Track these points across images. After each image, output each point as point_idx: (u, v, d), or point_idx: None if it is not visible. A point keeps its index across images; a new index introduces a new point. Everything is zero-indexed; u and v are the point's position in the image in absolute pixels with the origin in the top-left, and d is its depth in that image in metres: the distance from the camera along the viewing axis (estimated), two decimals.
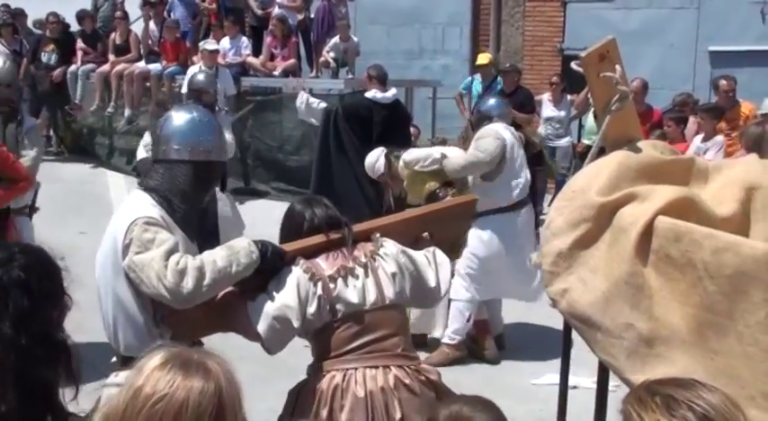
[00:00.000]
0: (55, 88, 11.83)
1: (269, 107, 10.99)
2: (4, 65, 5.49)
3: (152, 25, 11.99)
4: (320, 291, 2.89)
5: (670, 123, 8.03)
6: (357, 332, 2.92)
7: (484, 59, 10.61)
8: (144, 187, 3.08)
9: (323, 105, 8.41)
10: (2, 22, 12.35)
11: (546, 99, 10.27)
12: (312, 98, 8.44)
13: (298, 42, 11.63)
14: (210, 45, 10.28)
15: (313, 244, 3.02)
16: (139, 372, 1.59)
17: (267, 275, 2.94)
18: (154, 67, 11.55)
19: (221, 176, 3.45)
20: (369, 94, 7.97)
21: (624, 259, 2.43)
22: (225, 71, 10.36)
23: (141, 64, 11.79)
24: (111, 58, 11.93)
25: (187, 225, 3.07)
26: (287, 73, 11.09)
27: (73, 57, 12.11)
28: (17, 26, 12.54)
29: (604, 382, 2.92)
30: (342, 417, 2.83)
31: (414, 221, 3.38)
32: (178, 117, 3.14)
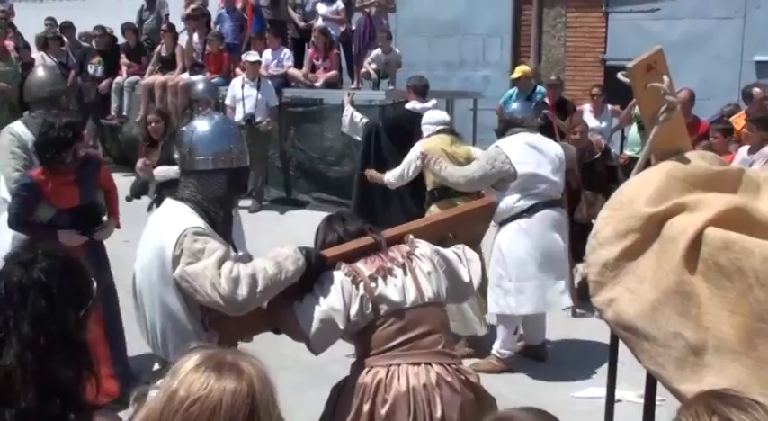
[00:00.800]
0: (101, 100, 12.04)
1: (310, 118, 11.07)
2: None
3: (195, 38, 12.16)
4: (362, 292, 2.98)
5: (717, 134, 7.89)
6: (399, 329, 3.00)
7: (518, 73, 10.58)
8: (178, 198, 3.14)
9: (365, 121, 8.42)
10: (51, 35, 12.63)
11: (587, 110, 10.19)
12: (356, 113, 8.44)
13: (339, 54, 11.72)
14: (252, 57, 10.40)
15: (351, 249, 3.12)
16: (174, 375, 1.61)
17: (310, 279, 3.02)
18: (197, 79, 11.69)
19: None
20: (409, 106, 7.99)
21: (673, 268, 2.41)
22: (267, 82, 10.47)
23: (185, 75, 11.95)
24: (149, 70, 12.13)
25: (225, 232, 3.15)
26: (328, 84, 11.17)
27: (119, 69, 12.32)
28: (64, 39, 12.80)
29: (652, 395, 2.89)
30: (383, 412, 2.89)
31: (440, 224, 3.56)
32: (203, 127, 3.19)
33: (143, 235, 3.20)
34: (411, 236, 3.24)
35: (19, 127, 5.16)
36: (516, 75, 10.50)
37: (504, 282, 5.69)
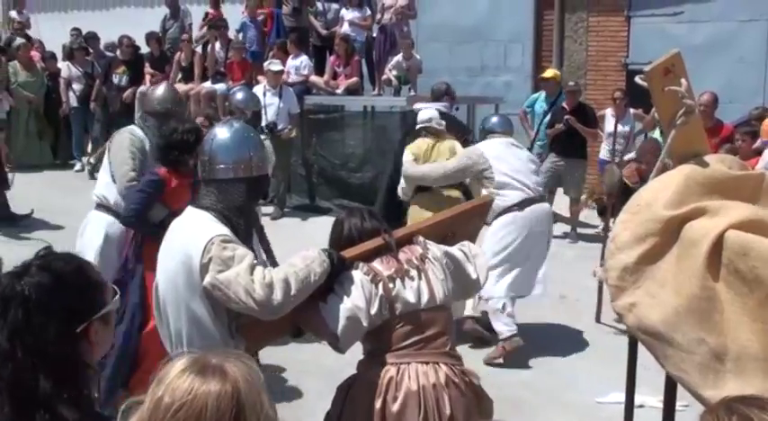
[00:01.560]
0: (125, 108, 12.15)
1: (332, 125, 11.11)
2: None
3: (217, 46, 12.26)
4: (381, 292, 3.05)
5: (745, 137, 7.80)
6: (412, 330, 3.08)
7: (549, 73, 10.55)
8: (198, 206, 3.15)
9: None
10: (77, 46, 12.78)
11: (609, 114, 10.13)
12: None
13: (360, 61, 11.75)
14: (275, 65, 10.43)
15: (367, 249, 3.16)
16: (160, 383, 1.60)
17: (331, 280, 3.05)
18: (220, 87, 11.80)
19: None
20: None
21: (695, 273, 2.39)
22: (288, 90, 10.52)
23: (207, 84, 12.06)
24: (171, 78, 12.24)
25: (246, 240, 3.17)
26: (350, 91, 11.21)
27: (143, 78, 12.44)
28: (89, 49, 12.95)
29: (672, 401, 2.87)
30: (394, 409, 2.95)
31: (444, 223, 3.60)
32: (224, 135, 3.21)
33: (164, 244, 3.21)
34: (421, 237, 3.30)
35: (137, 130, 5.27)
36: (548, 74, 10.47)
37: (492, 268, 5.89)
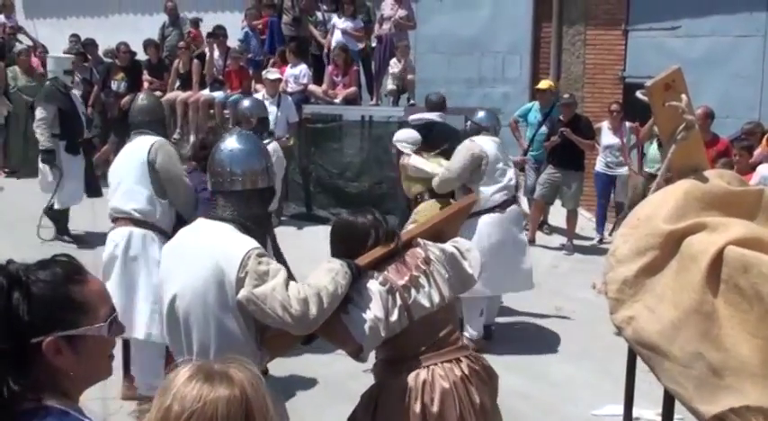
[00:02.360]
0: (123, 115, 12.14)
1: (330, 134, 11.13)
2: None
3: (216, 54, 12.30)
4: (399, 301, 3.12)
5: (742, 152, 7.84)
6: (430, 332, 3.20)
7: (545, 85, 10.60)
8: (217, 218, 3.13)
9: None
10: (75, 52, 12.79)
11: (605, 127, 10.17)
12: None
13: (358, 70, 11.79)
14: (272, 74, 10.44)
15: (378, 256, 3.20)
16: (166, 392, 1.60)
17: (349, 289, 3.07)
18: (218, 95, 11.83)
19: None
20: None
21: (694, 288, 2.41)
22: (287, 99, 10.54)
23: (206, 92, 12.08)
24: (169, 85, 12.30)
25: (264, 249, 3.15)
26: (348, 101, 11.24)
27: (141, 84, 12.45)
28: (87, 55, 12.96)
29: (669, 414, 2.88)
30: (434, 410, 3.06)
31: (440, 224, 3.68)
32: (233, 144, 3.22)
33: (178, 255, 3.14)
34: (421, 240, 3.36)
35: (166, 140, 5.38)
36: (543, 86, 10.52)
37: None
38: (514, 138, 10.61)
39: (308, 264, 3.43)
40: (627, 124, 10.04)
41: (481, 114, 7.06)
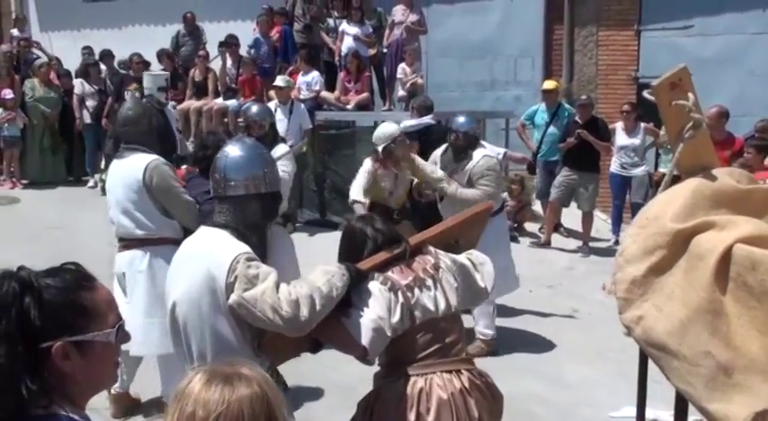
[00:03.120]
0: None
1: (343, 140, 11.16)
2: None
3: (229, 63, 12.36)
4: (401, 300, 3.08)
5: (750, 150, 7.79)
6: (431, 339, 3.12)
7: (550, 85, 10.58)
8: (213, 225, 3.16)
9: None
10: (92, 62, 12.91)
11: (619, 128, 10.13)
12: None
13: (370, 76, 11.81)
14: (281, 81, 10.49)
15: (381, 260, 3.18)
16: (185, 399, 1.60)
17: (348, 293, 3.06)
18: (231, 103, 11.89)
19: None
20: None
21: (702, 286, 2.40)
22: (299, 106, 10.57)
23: (219, 100, 12.15)
24: (187, 94, 12.38)
25: (262, 255, 3.15)
26: (360, 107, 11.26)
27: None
28: (101, 67, 13.06)
29: (683, 416, 2.85)
30: (429, 419, 3.00)
31: (450, 231, 3.61)
32: (235, 151, 3.24)
33: (178, 262, 3.18)
34: (431, 247, 3.33)
35: (159, 157, 5.07)
36: (549, 86, 10.49)
37: None
38: (522, 141, 10.58)
39: None
40: (642, 125, 9.98)
41: (462, 120, 6.81)
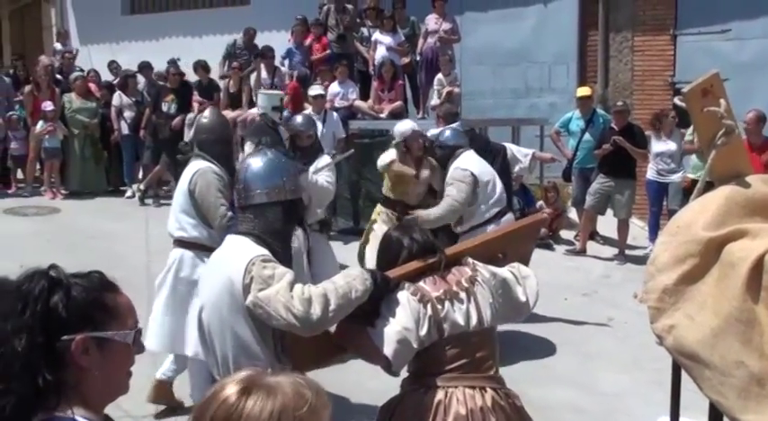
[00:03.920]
0: (174, 136, 12.40)
1: (377, 149, 11.16)
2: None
3: (264, 73, 12.47)
4: (430, 312, 3.04)
5: None
6: (459, 353, 3.07)
7: (585, 91, 10.52)
8: (237, 233, 3.24)
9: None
10: (131, 74, 13.13)
11: (655, 134, 10.02)
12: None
13: (404, 85, 11.84)
14: (315, 91, 10.53)
15: (413, 269, 3.17)
16: (221, 408, 1.57)
17: (376, 300, 3.07)
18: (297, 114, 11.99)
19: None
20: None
21: (734, 295, 2.36)
22: (333, 115, 10.61)
23: (254, 110, 12.24)
24: (222, 105, 12.53)
25: (286, 262, 3.21)
26: (393, 115, 11.28)
27: (191, 105, 12.69)
28: (137, 78, 13.27)
29: None
30: None
31: (493, 242, 3.56)
32: (256, 162, 3.32)
33: (205, 272, 3.30)
34: (470, 258, 3.28)
35: (214, 166, 5.24)
36: (583, 93, 10.44)
37: None
38: (557, 148, 10.51)
39: None
40: (680, 131, 9.84)
41: (447, 134, 6.87)
